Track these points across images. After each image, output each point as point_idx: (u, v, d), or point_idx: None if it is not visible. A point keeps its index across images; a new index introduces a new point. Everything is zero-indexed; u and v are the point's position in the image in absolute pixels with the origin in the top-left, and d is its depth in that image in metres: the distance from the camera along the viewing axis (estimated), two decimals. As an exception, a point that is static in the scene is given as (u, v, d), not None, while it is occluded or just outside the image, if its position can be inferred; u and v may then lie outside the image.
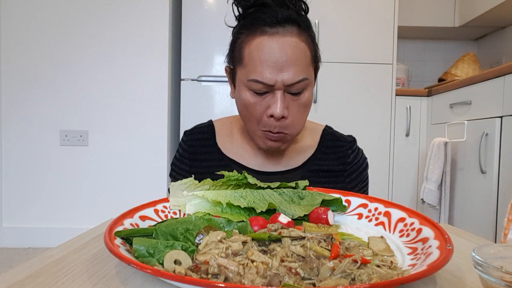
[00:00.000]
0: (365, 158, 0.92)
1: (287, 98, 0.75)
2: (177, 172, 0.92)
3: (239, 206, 0.57)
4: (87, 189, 2.36)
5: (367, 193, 0.93)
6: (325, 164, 0.88)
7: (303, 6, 0.77)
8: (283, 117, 0.74)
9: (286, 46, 0.72)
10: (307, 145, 0.90)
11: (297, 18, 0.74)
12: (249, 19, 0.76)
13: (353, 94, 2.41)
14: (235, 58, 0.79)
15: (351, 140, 0.92)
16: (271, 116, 0.74)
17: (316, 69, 0.81)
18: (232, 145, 0.90)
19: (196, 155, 0.90)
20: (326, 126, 0.94)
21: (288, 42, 0.72)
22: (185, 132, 0.95)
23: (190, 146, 0.91)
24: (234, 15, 0.80)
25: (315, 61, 0.80)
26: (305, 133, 0.90)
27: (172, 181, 0.94)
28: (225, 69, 0.85)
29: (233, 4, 0.79)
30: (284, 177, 0.85)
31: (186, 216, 0.57)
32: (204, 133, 0.92)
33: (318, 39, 2.34)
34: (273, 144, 0.79)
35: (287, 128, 0.76)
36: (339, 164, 0.88)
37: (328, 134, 0.92)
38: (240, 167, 0.86)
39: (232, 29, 0.82)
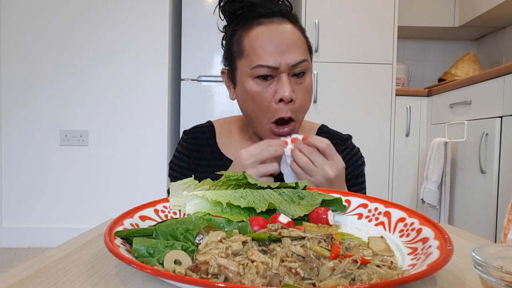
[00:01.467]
0: (361, 156, 0.93)
1: (291, 82, 0.76)
2: (175, 170, 0.92)
3: (239, 206, 0.57)
4: (87, 189, 2.36)
5: (364, 192, 0.94)
6: None
7: (288, 4, 0.82)
8: (291, 101, 0.75)
9: (285, 32, 0.76)
10: None
11: (286, 12, 0.79)
12: (243, 16, 0.79)
13: (353, 94, 2.41)
14: (233, 53, 0.80)
15: (346, 138, 0.93)
16: (280, 100, 0.75)
17: (311, 57, 0.83)
18: (231, 145, 0.90)
19: (196, 153, 0.90)
20: (322, 125, 0.95)
21: (285, 28, 0.77)
22: (185, 131, 0.95)
23: (190, 144, 0.91)
24: (225, 20, 0.84)
25: (310, 51, 0.83)
26: (301, 132, 0.91)
27: (171, 181, 0.93)
28: (222, 72, 0.87)
29: (220, 11, 0.83)
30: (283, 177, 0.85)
31: (186, 216, 0.57)
32: (204, 132, 0.92)
33: (318, 39, 2.34)
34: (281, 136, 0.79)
35: (295, 112, 0.78)
36: None
37: (324, 132, 0.93)
38: None
39: (223, 34, 0.86)
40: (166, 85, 2.38)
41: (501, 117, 1.77)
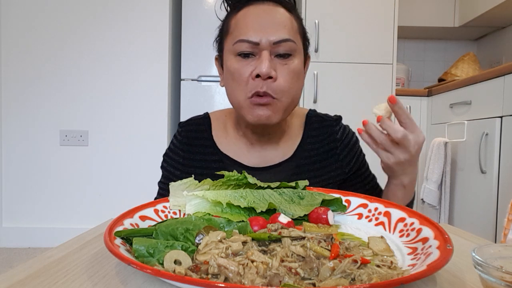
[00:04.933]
0: (353, 133, 0.93)
1: (274, 61, 0.74)
2: (168, 164, 0.90)
3: (239, 206, 0.57)
4: (87, 189, 2.36)
5: (367, 165, 0.93)
6: (315, 148, 0.87)
7: None
8: (270, 78, 0.72)
9: (272, 12, 0.75)
10: (295, 132, 0.89)
11: (283, 1, 0.78)
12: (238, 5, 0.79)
13: (353, 94, 2.40)
14: (222, 36, 0.81)
15: (337, 118, 0.92)
16: (257, 76, 0.72)
17: (305, 46, 0.81)
18: (226, 140, 0.88)
19: (190, 147, 0.88)
20: (310, 109, 0.94)
21: (274, 9, 0.76)
22: (180, 123, 0.92)
23: (185, 137, 0.89)
24: (226, 11, 0.82)
25: (304, 37, 0.81)
26: (292, 119, 0.90)
27: (163, 172, 0.93)
28: (215, 59, 0.86)
29: (223, 2, 0.82)
30: (279, 170, 0.84)
31: (186, 216, 0.57)
32: (200, 125, 0.90)
33: (318, 39, 2.34)
34: (261, 112, 0.74)
35: (275, 91, 0.73)
36: (329, 143, 0.88)
37: (313, 116, 0.91)
38: (234, 163, 0.85)
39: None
40: (166, 85, 2.38)
41: (501, 117, 1.77)
